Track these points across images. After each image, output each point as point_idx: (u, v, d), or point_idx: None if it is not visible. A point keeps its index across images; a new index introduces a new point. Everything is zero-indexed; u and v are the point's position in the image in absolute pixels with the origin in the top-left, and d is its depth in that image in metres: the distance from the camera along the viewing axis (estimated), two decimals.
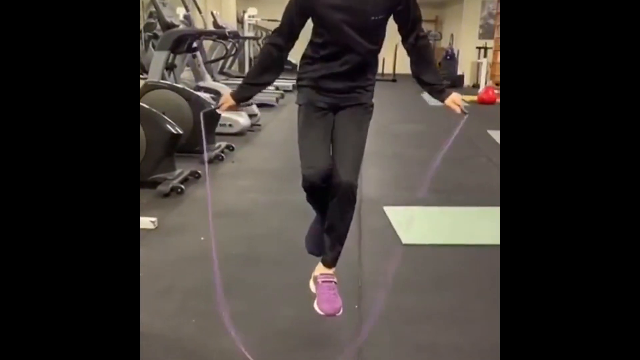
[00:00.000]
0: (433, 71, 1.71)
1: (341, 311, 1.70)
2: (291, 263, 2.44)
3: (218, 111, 1.80)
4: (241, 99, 1.75)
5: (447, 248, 2.65)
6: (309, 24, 1.69)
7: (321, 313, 1.69)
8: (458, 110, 1.67)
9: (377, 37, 1.66)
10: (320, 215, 1.79)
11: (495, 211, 3.29)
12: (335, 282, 1.74)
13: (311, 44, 1.70)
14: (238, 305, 2.09)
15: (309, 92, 1.70)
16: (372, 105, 1.72)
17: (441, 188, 3.56)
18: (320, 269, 1.78)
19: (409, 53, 1.70)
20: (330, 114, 1.69)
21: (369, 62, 1.70)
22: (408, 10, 1.65)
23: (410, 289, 2.26)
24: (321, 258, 1.78)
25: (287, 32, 1.66)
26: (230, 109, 1.76)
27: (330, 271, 1.76)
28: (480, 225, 3.07)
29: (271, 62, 1.71)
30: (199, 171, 3.90)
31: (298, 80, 1.75)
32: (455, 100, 1.67)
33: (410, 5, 1.64)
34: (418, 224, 3.00)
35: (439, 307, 2.11)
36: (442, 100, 1.69)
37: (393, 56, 13.88)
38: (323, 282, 1.73)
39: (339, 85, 1.66)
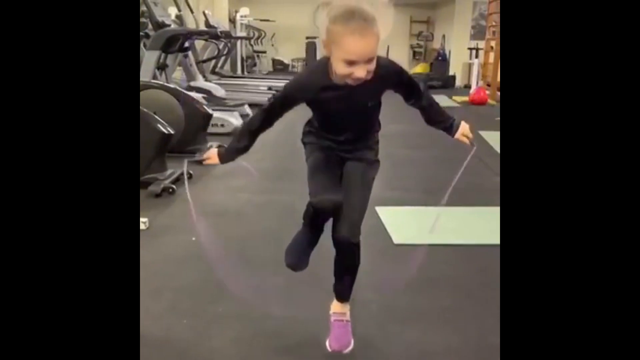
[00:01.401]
0: (441, 115, 1.72)
1: (350, 347, 1.73)
2: (283, 263, 2.43)
3: (204, 163, 1.77)
4: (226, 161, 1.73)
5: (439, 248, 2.65)
6: None
7: (329, 349, 1.74)
8: (467, 142, 1.70)
9: (375, 114, 1.68)
10: (310, 231, 1.78)
11: (487, 211, 3.33)
12: (347, 320, 1.77)
13: (313, 115, 1.70)
14: (229, 306, 2.08)
15: (314, 146, 1.72)
16: (377, 161, 1.73)
17: (433, 188, 3.57)
18: (334, 306, 1.80)
19: (419, 110, 1.72)
20: (338, 163, 1.69)
21: (370, 130, 1.72)
22: (405, 86, 1.66)
23: (401, 289, 2.26)
24: (335, 295, 1.79)
25: (272, 113, 1.64)
26: (212, 162, 1.74)
27: (344, 310, 1.78)
28: (472, 225, 3.08)
29: (248, 134, 1.69)
30: (191, 171, 3.89)
31: (303, 138, 1.76)
32: (464, 132, 1.70)
33: (404, 81, 1.65)
34: (409, 224, 3.00)
35: (430, 307, 2.12)
36: (453, 135, 1.71)
37: (385, 56, 13.91)
38: (335, 320, 1.77)
39: (341, 148, 1.69)
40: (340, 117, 1.61)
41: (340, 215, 1.59)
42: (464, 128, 1.70)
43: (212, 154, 1.72)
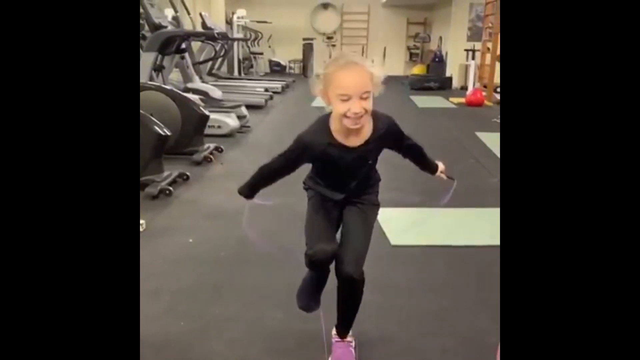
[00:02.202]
0: (429, 161, 1.87)
1: None
2: (281, 265, 2.44)
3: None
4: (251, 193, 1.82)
5: (436, 249, 2.66)
6: None
7: None
8: (444, 177, 1.88)
9: (374, 167, 1.75)
10: (316, 275, 1.78)
11: (484, 212, 3.33)
12: (349, 342, 1.79)
13: (314, 170, 1.75)
14: (227, 307, 2.08)
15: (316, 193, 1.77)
16: (378, 204, 1.79)
17: (429, 189, 3.57)
18: (334, 333, 1.82)
19: (409, 158, 1.83)
20: (338, 207, 1.75)
21: (370, 180, 1.77)
22: (405, 146, 1.76)
23: (399, 290, 2.26)
24: (335, 328, 1.81)
25: (280, 169, 1.72)
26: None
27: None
28: (469, 227, 3.09)
29: (264, 178, 1.78)
30: (188, 173, 3.89)
31: (305, 184, 1.79)
32: (442, 170, 1.88)
33: (396, 135, 1.70)
34: (406, 226, 3.01)
35: (427, 308, 2.12)
36: (433, 174, 1.89)
37: (382, 58, 13.96)
38: (337, 341, 1.79)
39: (343, 198, 1.74)
40: (342, 173, 1.67)
41: (343, 254, 1.62)
42: (441, 167, 1.88)
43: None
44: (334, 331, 1.81)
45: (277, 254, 2.61)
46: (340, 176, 1.68)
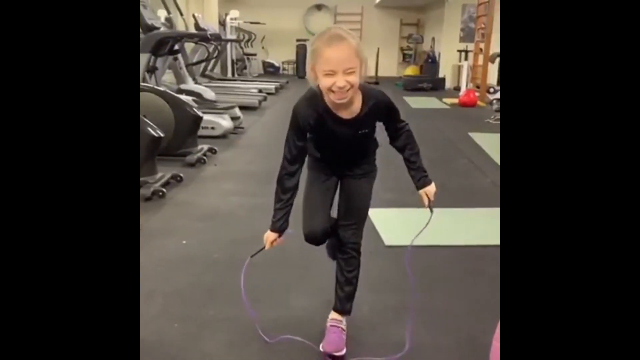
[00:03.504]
0: (417, 162, 1.81)
1: (343, 352, 1.80)
2: (275, 266, 2.43)
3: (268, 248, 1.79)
4: (280, 227, 1.75)
5: (429, 249, 2.66)
6: None
7: (322, 350, 1.80)
8: (426, 202, 1.77)
9: (370, 139, 1.79)
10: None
11: (477, 212, 3.34)
12: (342, 328, 1.85)
13: (311, 147, 1.78)
14: (221, 309, 2.08)
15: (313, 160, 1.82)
16: (374, 170, 1.86)
17: None
18: (332, 314, 1.89)
19: (397, 142, 1.81)
20: (335, 177, 1.82)
21: (367, 151, 1.82)
22: (392, 120, 1.76)
23: (392, 289, 2.27)
24: (333, 306, 1.88)
25: (295, 156, 1.70)
26: (277, 243, 1.78)
27: (341, 317, 1.87)
28: (462, 226, 3.10)
29: (289, 187, 1.73)
30: (181, 174, 3.88)
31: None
32: (428, 192, 1.77)
33: (386, 107, 1.72)
34: (400, 226, 3.01)
35: (420, 307, 2.13)
36: (418, 188, 1.79)
37: (375, 59, 13.98)
38: (331, 326, 1.86)
39: (341, 169, 1.81)
40: (338, 145, 1.71)
41: (341, 222, 1.77)
42: (432, 188, 1.78)
43: (267, 237, 1.78)
44: (331, 315, 1.88)
45: (272, 255, 2.60)
46: (337, 147, 1.72)
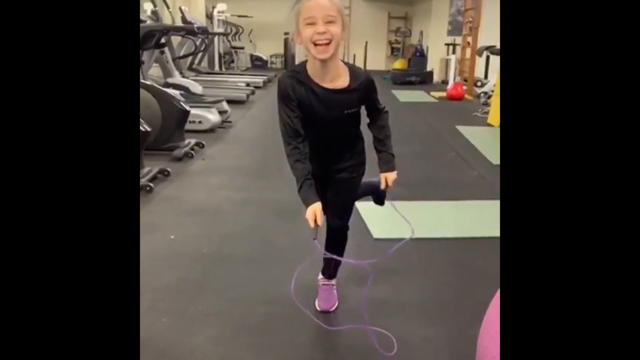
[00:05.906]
0: (386, 145, 1.85)
1: (336, 306, 2.03)
2: (263, 261, 2.43)
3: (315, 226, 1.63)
4: (315, 194, 1.66)
5: (417, 242, 2.68)
6: None
7: (318, 309, 2.00)
8: (383, 186, 1.86)
9: (354, 123, 1.81)
10: None
11: (464, 205, 3.36)
12: (332, 285, 2.08)
13: None
14: (210, 304, 2.07)
15: None
16: (362, 166, 1.90)
17: (410, 182, 3.60)
18: (322, 278, 2.10)
19: (375, 123, 1.85)
20: (320, 181, 1.81)
21: (351, 140, 1.86)
22: (370, 95, 1.77)
23: (381, 281, 2.28)
24: (321, 270, 2.10)
25: (294, 129, 1.67)
26: (319, 219, 1.65)
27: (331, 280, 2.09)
28: (449, 219, 3.12)
29: (301, 162, 1.67)
30: (168, 169, 3.85)
31: None
32: (388, 178, 1.84)
33: (370, 88, 1.75)
34: (388, 219, 3.02)
35: (409, 299, 2.14)
36: (382, 170, 1.85)
37: (364, 52, 13.96)
38: (322, 284, 2.08)
39: (326, 165, 1.84)
40: (322, 123, 1.72)
41: (330, 210, 1.87)
42: (394, 175, 1.85)
43: (310, 214, 1.63)
44: (319, 276, 2.08)
45: (261, 250, 2.60)
46: (322, 126, 1.72)
